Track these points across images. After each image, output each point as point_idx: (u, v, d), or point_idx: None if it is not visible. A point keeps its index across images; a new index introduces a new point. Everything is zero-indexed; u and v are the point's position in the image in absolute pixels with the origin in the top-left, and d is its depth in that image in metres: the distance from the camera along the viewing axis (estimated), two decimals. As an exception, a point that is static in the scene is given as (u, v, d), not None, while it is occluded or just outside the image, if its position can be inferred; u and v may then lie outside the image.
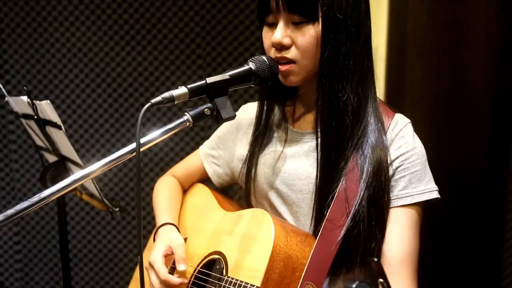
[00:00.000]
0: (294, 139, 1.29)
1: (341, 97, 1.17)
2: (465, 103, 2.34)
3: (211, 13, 2.38)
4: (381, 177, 1.16)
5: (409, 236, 1.19)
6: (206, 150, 1.48)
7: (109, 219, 2.59)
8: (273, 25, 1.19)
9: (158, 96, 1.07)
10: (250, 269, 1.14)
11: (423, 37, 2.28)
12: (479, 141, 2.38)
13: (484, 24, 2.28)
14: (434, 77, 2.31)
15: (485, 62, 2.30)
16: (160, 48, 2.42)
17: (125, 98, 2.48)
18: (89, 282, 2.67)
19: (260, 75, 1.16)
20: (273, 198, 1.30)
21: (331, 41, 1.15)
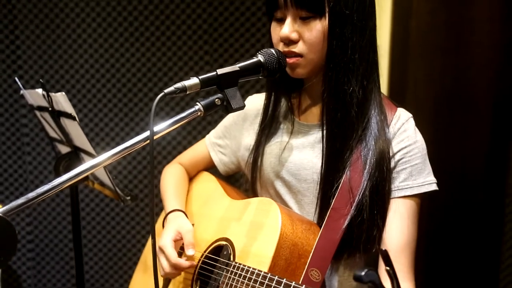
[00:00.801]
0: (300, 130, 1.31)
1: (346, 89, 1.19)
2: (467, 102, 2.35)
3: (219, 10, 2.41)
4: (383, 167, 1.19)
5: (408, 226, 1.21)
6: (212, 140, 1.51)
7: (120, 208, 2.61)
8: (281, 20, 1.22)
9: (171, 86, 1.09)
10: (257, 255, 1.16)
11: (426, 36, 2.30)
12: (480, 139, 2.39)
13: (487, 24, 2.29)
14: (436, 76, 2.32)
15: (487, 62, 2.31)
16: (169, 44, 2.45)
17: (136, 91, 2.51)
18: (99, 271, 2.70)
19: (269, 67, 1.18)
20: (278, 187, 1.32)
21: (338, 35, 1.17)
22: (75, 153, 1.74)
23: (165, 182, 1.51)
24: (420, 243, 1.28)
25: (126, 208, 2.62)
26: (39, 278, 2.73)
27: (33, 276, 2.72)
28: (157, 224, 1.55)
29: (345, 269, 1.25)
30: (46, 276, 2.73)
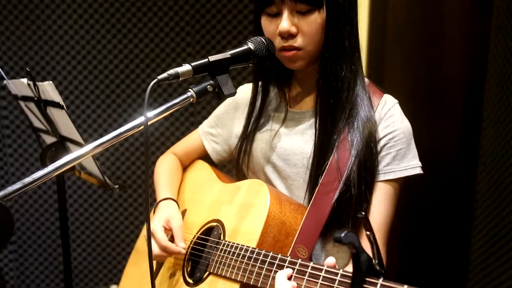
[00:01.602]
0: (292, 118, 1.33)
1: (339, 76, 1.22)
2: (441, 94, 2.41)
3: (200, 1, 2.41)
4: (370, 144, 1.23)
5: (386, 207, 1.26)
6: (205, 129, 1.52)
7: (108, 199, 2.60)
8: (275, 15, 1.22)
9: (164, 73, 1.10)
10: (246, 233, 1.20)
11: (402, 30, 2.35)
12: (453, 126, 2.46)
13: (459, 19, 2.35)
14: (412, 69, 2.38)
15: (459, 54, 2.37)
16: (156, 31, 2.44)
17: (123, 79, 2.49)
18: (88, 266, 2.68)
19: (259, 55, 1.20)
20: (269, 173, 1.34)
21: (334, 26, 1.20)
22: (61, 143, 1.71)
23: (158, 172, 1.53)
24: (395, 231, 1.32)
25: (114, 199, 2.60)
26: (21, 271, 2.68)
27: (16, 269, 2.67)
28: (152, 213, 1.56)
29: (333, 247, 1.28)
30: (29, 269, 2.68)
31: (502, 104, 2.29)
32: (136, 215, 2.63)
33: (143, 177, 2.56)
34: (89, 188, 2.59)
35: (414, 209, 2.47)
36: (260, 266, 1.10)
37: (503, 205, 2.27)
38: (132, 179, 2.59)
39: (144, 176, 2.56)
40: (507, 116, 2.26)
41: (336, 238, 0.83)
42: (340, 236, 0.82)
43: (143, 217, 2.63)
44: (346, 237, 0.82)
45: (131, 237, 2.66)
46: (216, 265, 1.22)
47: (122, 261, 2.68)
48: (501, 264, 2.27)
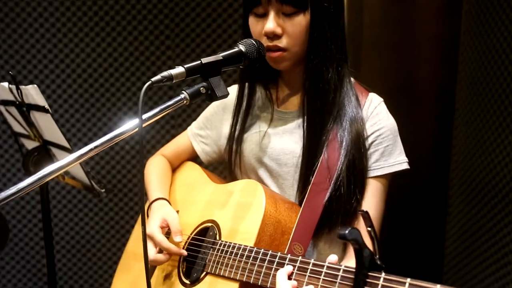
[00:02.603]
0: (279, 118, 1.34)
1: (326, 77, 1.23)
2: (414, 93, 2.48)
3: (180, 6, 2.40)
4: (359, 144, 1.24)
5: (376, 204, 1.27)
6: (194, 130, 1.51)
7: (91, 205, 2.54)
8: (262, 16, 1.23)
9: (158, 75, 1.09)
10: (243, 232, 1.19)
11: (378, 33, 2.39)
12: (427, 126, 2.53)
13: (430, 23, 2.42)
14: (387, 69, 2.43)
15: (431, 57, 2.45)
16: (140, 38, 2.42)
17: (109, 85, 2.45)
18: (72, 268, 2.61)
19: (250, 57, 1.19)
20: (260, 172, 1.34)
21: (319, 27, 1.20)
22: (43, 147, 1.67)
23: (148, 173, 1.50)
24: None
25: (99, 203, 2.55)
26: (8, 279, 2.59)
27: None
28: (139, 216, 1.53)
29: (325, 244, 1.29)
30: (15, 278, 2.59)
31: (472, 104, 2.37)
32: (124, 218, 2.58)
33: (129, 180, 2.52)
34: (72, 192, 2.53)
35: (390, 206, 2.52)
36: (259, 264, 1.10)
37: (475, 200, 2.35)
38: (121, 183, 2.54)
39: (129, 178, 2.51)
40: (477, 116, 2.34)
41: (341, 235, 0.83)
42: (345, 233, 0.83)
43: (132, 220, 2.57)
44: (350, 233, 0.83)
45: (117, 244, 2.60)
46: (213, 265, 1.21)
47: (107, 267, 2.63)
48: (475, 258, 2.34)
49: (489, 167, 2.23)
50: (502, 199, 2.15)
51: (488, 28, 2.25)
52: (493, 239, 2.21)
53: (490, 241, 2.22)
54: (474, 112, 2.36)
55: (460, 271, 2.45)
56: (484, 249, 2.27)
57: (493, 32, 2.21)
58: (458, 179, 2.48)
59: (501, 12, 2.15)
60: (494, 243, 2.20)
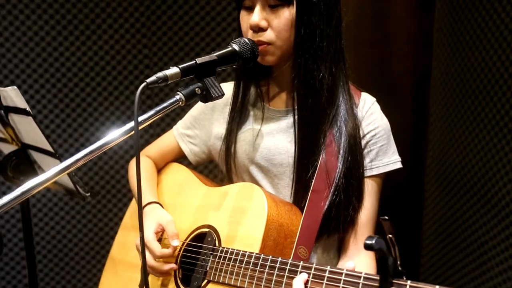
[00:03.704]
0: (271, 116, 1.32)
1: (316, 75, 1.21)
2: (391, 90, 2.51)
3: (156, 14, 2.35)
4: (355, 151, 1.24)
5: (372, 203, 1.29)
6: (181, 130, 1.47)
7: (73, 212, 2.46)
8: (250, 8, 1.22)
9: (153, 76, 1.06)
10: (245, 238, 1.16)
11: (355, 30, 2.40)
12: (403, 122, 2.56)
13: (405, 19, 2.45)
14: (364, 65, 2.45)
15: (407, 51, 2.48)
16: (124, 37, 2.37)
17: (91, 87, 2.38)
18: (55, 277, 2.51)
19: (243, 56, 1.18)
20: (254, 173, 1.32)
21: (305, 23, 1.19)
22: (22, 151, 1.60)
23: (133, 176, 1.45)
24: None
25: (82, 208, 2.46)
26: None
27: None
28: (128, 219, 1.49)
29: (323, 249, 1.29)
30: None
31: (447, 100, 2.43)
32: (108, 224, 2.51)
33: (112, 186, 2.45)
34: (53, 200, 2.44)
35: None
36: (269, 272, 1.07)
37: (451, 194, 2.41)
38: (104, 188, 2.47)
39: (112, 183, 2.44)
40: (452, 111, 2.40)
41: (367, 244, 0.82)
42: (372, 243, 0.82)
43: (116, 227, 2.49)
44: (376, 243, 0.83)
45: (101, 251, 2.53)
46: (216, 272, 1.17)
47: (87, 271, 2.55)
48: (450, 250, 2.41)
49: (464, 161, 2.29)
50: (477, 191, 2.22)
51: (460, 25, 2.30)
52: (469, 230, 2.27)
53: (466, 233, 2.29)
54: (449, 108, 2.41)
55: (437, 263, 2.51)
56: (460, 240, 2.33)
57: (466, 29, 2.27)
58: (434, 173, 2.54)
59: (473, 9, 2.21)
60: (469, 235, 2.27)
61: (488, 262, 2.13)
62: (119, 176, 2.45)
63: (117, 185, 2.46)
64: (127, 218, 1.52)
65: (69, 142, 2.36)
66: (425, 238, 2.62)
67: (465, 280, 2.28)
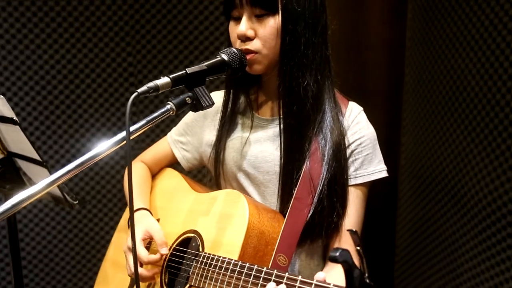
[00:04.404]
0: (259, 125, 1.31)
1: (301, 83, 1.20)
2: (365, 96, 2.53)
3: (140, 23, 2.31)
4: (340, 158, 1.23)
5: (357, 210, 1.27)
6: (174, 137, 1.45)
7: (59, 217, 2.38)
8: (238, 19, 1.21)
9: (144, 86, 1.03)
10: (227, 244, 1.15)
11: (332, 37, 2.41)
12: (376, 126, 2.59)
13: (379, 27, 2.48)
14: (340, 71, 2.46)
15: (380, 59, 2.51)
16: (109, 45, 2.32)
17: (76, 95, 2.32)
18: (40, 282, 2.43)
19: (232, 66, 1.16)
20: (241, 180, 1.30)
21: (291, 32, 1.18)
22: (7, 159, 1.53)
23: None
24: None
25: (68, 215, 2.39)
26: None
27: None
28: (122, 221, 1.46)
29: (307, 255, 1.27)
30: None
31: (418, 105, 2.46)
32: (97, 232, 2.45)
33: (108, 196, 2.38)
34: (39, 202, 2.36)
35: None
36: (245, 279, 1.06)
37: (423, 194, 2.44)
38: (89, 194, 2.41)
39: (97, 189, 2.38)
40: (423, 116, 2.43)
41: (331, 257, 0.82)
42: (336, 255, 0.81)
43: (104, 233, 2.44)
44: (340, 256, 0.82)
45: (91, 259, 2.46)
46: (197, 277, 1.16)
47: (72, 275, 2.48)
48: (423, 247, 2.43)
49: (436, 163, 2.32)
50: (448, 191, 2.25)
51: (431, 35, 2.34)
52: (441, 228, 2.30)
53: (438, 231, 2.32)
54: (421, 112, 2.44)
55: (411, 260, 2.53)
56: (433, 238, 2.36)
57: (436, 38, 2.30)
58: (407, 174, 2.56)
59: (442, 20, 2.24)
60: (441, 233, 2.30)
61: (459, 259, 2.16)
62: (110, 186, 2.39)
63: (108, 195, 2.41)
64: (122, 220, 1.51)
65: (60, 152, 2.30)
66: (399, 236, 2.64)
67: (438, 275, 2.31)
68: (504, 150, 1.84)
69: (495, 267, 1.93)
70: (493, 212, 1.92)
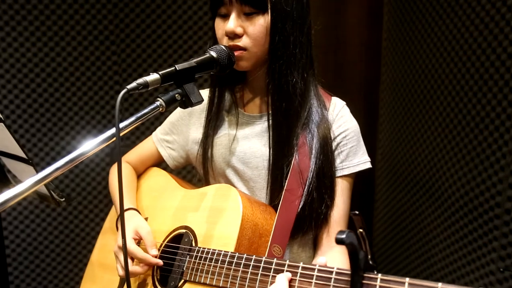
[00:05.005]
0: (245, 121, 1.28)
1: (290, 81, 1.19)
2: (343, 94, 2.53)
3: (125, 22, 2.25)
4: (327, 151, 1.22)
5: (344, 201, 1.27)
6: (159, 136, 1.41)
7: (45, 214, 2.30)
8: (225, 16, 1.18)
9: (133, 83, 0.99)
10: (221, 238, 1.13)
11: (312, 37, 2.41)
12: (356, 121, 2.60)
13: (357, 28, 2.49)
14: (321, 70, 2.46)
15: (359, 58, 2.52)
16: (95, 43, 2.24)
17: (60, 92, 2.24)
18: (25, 279, 2.35)
19: (221, 63, 1.13)
20: (230, 176, 1.28)
21: (280, 30, 1.17)
22: (-8, 157, 1.47)
23: (113, 181, 1.40)
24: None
25: (58, 213, 2.31)
26: None
27: None
28: (108, 222, 1.41)
29: (298, 247, 1.26)
30: None
31: (394, 103, 2.48)
32: (84, 230, 2.38)
33: (93, 193, 2.31)
34: (23, 200, 2.27)
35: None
36: (243, 270, 1.04)
37: (399, 188, 2.46)
38: (79, 194, 2.34)
39: (82, 186, 2.31)
40: (399, 113, 2.44)
41: (338, 239, 0.80)
42: (343, 237, 0.80)
43: (89, 230, 2.37)
44: (347, 237, 0.81)
45: (78, 256, 2.39)
46: (192, 272, 1.13)
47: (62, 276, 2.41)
48: (399, 239, 2.45)
49: (411, 158, 2.34)
50: (422, 185, 2.27)
51: (406, 36, 2.35)
52: (415, 220, 2.32)
53: (413, 223, 2.34)
54: (397, 110, 2.46)
55: (388, 250, 2.55)
56: (408, 230, 2.39)
57: (411, 39, 2.32)
58: (384, 169, 2.58)
59: (417, 21, 2.26)
60: (416, 225, 2.32)
61: (433, 249, 2.19)
62: (95, 183, 2.33)
63: (93, 192, 2.35)
64: (107, 222, 1.46)
65: (44, 150, 2.23)
66: (376, 228, 2.66)
67: (413, 265, 2.33)
68: (476, 146, 1.87)
69: (467, 255, 1.96)
70: (465, 204, 1.95)
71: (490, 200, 1.80)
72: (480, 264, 1.89)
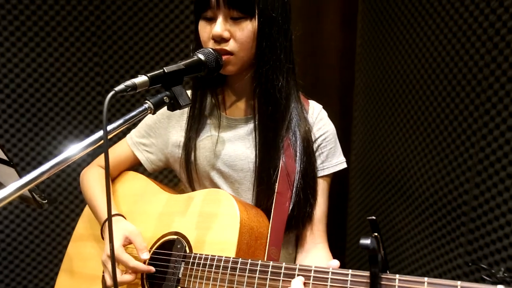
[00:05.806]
0: (228, 124, 1.25)
1: (276, 85, 1.16)
2: (319, 97, 2.53)
3: (107, 23, 2.17)
4: (309, 153, 1.21)
5: (325, 200, 1.27)
6: (135, 139, 1.34)
7: (24, 216, 2.20)
8: (211, 19, 1.14)
9: (121, 84, 0.95)
10: (219, 243, 1.07)
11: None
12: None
13: (332, 34, 2.49)
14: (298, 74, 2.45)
15: (334, 63, 2.52)
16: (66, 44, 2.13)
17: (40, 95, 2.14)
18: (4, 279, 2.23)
19: (209, 66, 1.10)
20: (215, 179, 1.24)
21: (267, 35, 1.14)
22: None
23: (89, 187, 1.31)
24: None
25: (39, 213, 2.20)
26: None
27: None
28: (82, 230, 1.33)
29: (283, 246, 1.23)
30: None
31: (368, 106, 2.49)
32: (60, 227, 2.27)
33: (69, 190, 2.22)
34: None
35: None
36: (250, 275, 0.99)
37: (372, 187, 2.47)
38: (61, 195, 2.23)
39: (69, 189, 2.22)
40: (372, 116, 2.46)
41: (364, 245, 0.79)
42: (368, 243, 0.79)
43: (70, 229, 2.27)
44: (372, 243, 0.80)
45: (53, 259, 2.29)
46: (190, 279, 1.07)
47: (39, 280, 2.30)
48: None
49: (383, 159, 2.36)
50: (394, 185, 2.29)
51: (379, 42, 2.37)
52: (387, 218, 2.34)
53: (385, 220, 2.36)
54: (370, 113, 2.47)
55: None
56: (380, 226, 2.40)
57: (383, 45, 2.33)
58: (357, 169, 2.59)
59: (389, 29, 2.27)
60: (388, 222, 2.34)
61: (404, 245, 2.21)
62: (76, 183, 2.24)
63: (75, 192, 2.25)
64: (81, 229, 1.36)
65: (24, 150, 2.13)
66: (349, 226, 2.67)
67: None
68: (444, 147, 1.89)
69: (436, 250, 1.98)
70: (434, 202, 1.97)
71: (457, 198, 1.82)
72: (448, 259, 1.91)
